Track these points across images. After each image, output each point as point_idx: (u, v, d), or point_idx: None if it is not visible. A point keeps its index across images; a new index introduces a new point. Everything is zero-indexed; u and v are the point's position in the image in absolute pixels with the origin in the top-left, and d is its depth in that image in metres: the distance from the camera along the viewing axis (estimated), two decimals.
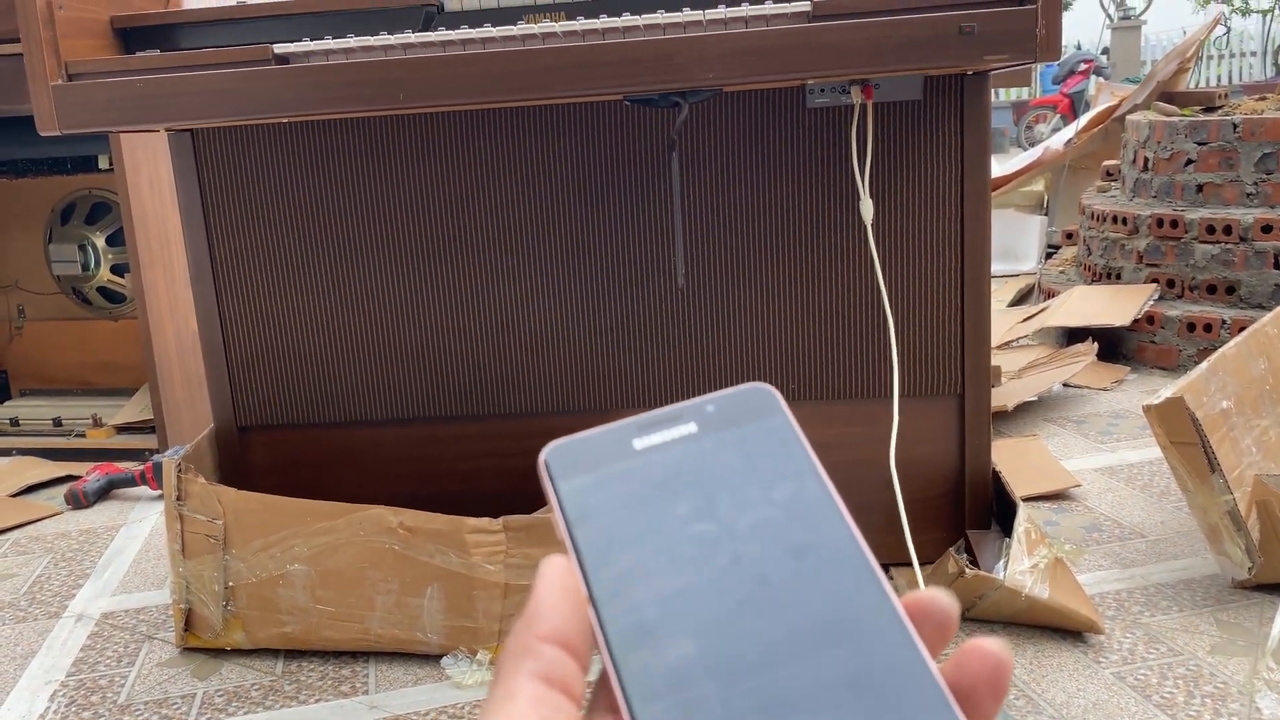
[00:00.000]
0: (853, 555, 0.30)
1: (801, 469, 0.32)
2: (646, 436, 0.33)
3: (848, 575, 0.30)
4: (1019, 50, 1.15)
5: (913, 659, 0.28)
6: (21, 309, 2.83)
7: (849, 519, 0.31)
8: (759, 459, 0.32)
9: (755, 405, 0.34)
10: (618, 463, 0.33)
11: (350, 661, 1.57)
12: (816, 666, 0.28)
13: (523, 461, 1.74)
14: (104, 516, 2.26)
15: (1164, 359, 2.86)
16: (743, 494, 0.31)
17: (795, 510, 0.31)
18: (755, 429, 0.33)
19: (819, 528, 0.31)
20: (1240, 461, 1.59)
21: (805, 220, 1.61)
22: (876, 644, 0.28)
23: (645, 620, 0.29)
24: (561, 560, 0.30)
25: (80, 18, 1.32)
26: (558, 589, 0.30)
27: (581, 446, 0.33)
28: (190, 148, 1.65)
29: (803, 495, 0.31)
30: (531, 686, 0.28)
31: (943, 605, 0.30)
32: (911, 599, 0.30)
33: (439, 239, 1.66)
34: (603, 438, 0.33)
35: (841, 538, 0.31)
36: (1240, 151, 2.85)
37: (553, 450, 0.33)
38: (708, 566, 0.30)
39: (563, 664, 0.28)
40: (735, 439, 0.33)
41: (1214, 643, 1.47)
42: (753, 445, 0.33)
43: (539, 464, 0.33)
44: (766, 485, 0.32)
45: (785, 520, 0.31)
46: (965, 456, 1.65)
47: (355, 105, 1.22)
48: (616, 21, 1.21)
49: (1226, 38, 14.83)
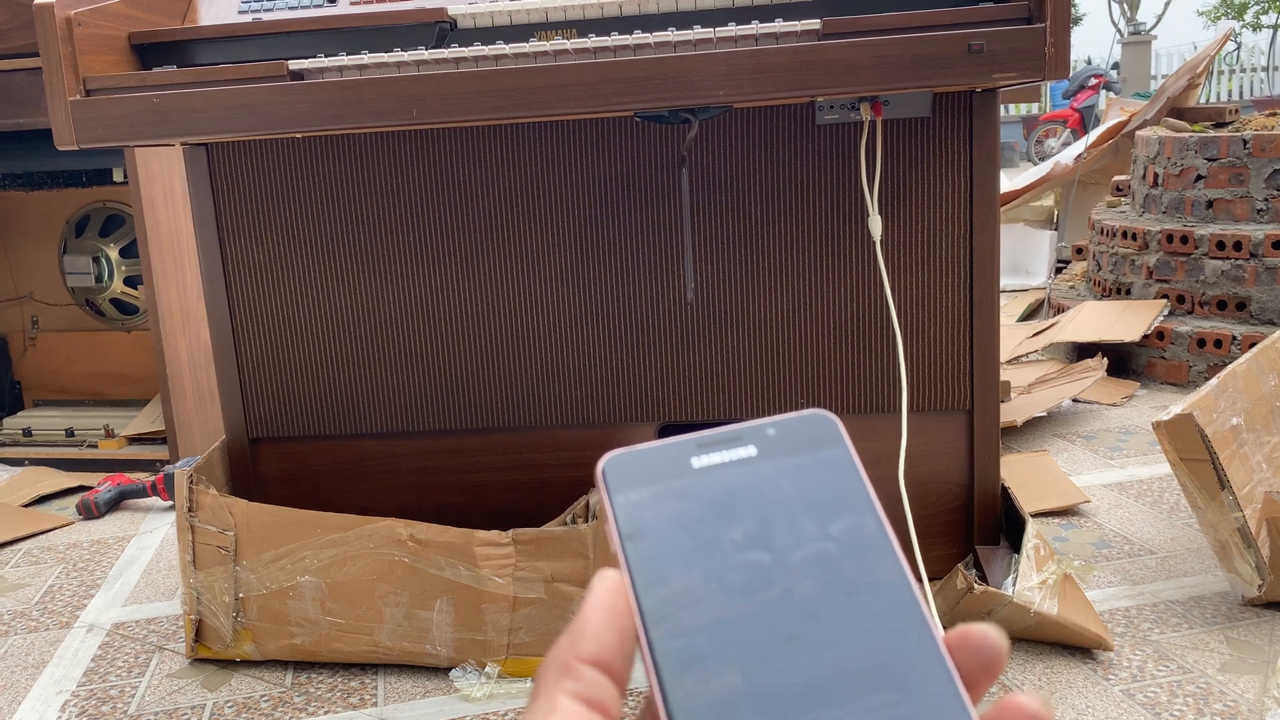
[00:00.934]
0: (904, 599, 0.30)
1: (859, 504, 0.32)
2: (705, 455, 0.33)
3: (898, 619, 0.30)
4: (1028, 68, 1.16)
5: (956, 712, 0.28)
6: (35, 320, 2.85)
7: (902, 560, 0.31)
8: (817, 490, 0.32)
9: (817, 433, 0.34)
10: (675, 480, 0.32)
11: (359, 673, 1.57)
12: (859, 711, 0.28)
13: (532, 475, 1.74)
14: (115, 527, 2.27)
15: (1174, 375, 2.86)
16: (799, 525, 0.31)
17: (850, 547, 0.31)
18: (815, 458, 0.33)
19: (872, 567, 0.31)
20: (1250, 478, 1.58)
21: (814, 235, 1.61)
22: (921, 693, 0.28)
23: (693, 646, 0.29)
24: (614, 576, 0.31)
25: (99, 34, 1.34)
26: (605, 609, 0.30)
27: (640, 459, 0.33)
28: (205, 161, 1.66)
29: (859, 532, 0.31)
30: (571, 706, 0.28)
31: (991, 642, 0.30)
32: (960, 634, 0.30)
33: (449, 253, 1.67)
34: (662, 452, 0.33)
35: (894, 579, 0.30)
36: (1250, 167, 2.85)
37: (611, 460, 0.33)
38: (759, 597, 0.30)
39: (602, 687, 0.29)
40: (794, 467, 0.33)
41: (1224, 660, 1.46)
42: (812, 475, 0.33)
43: (597, 472, 0.33)
44: (823, 518, 0.32)
45: (839, 556, 0.31)
46: (974, 472, 1.65)
47: (369, 121, 1.24)
48: (628, 39, 1.22)
49: (1237, 53, 14.82)
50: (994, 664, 0.30)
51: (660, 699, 0.28)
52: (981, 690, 0.29)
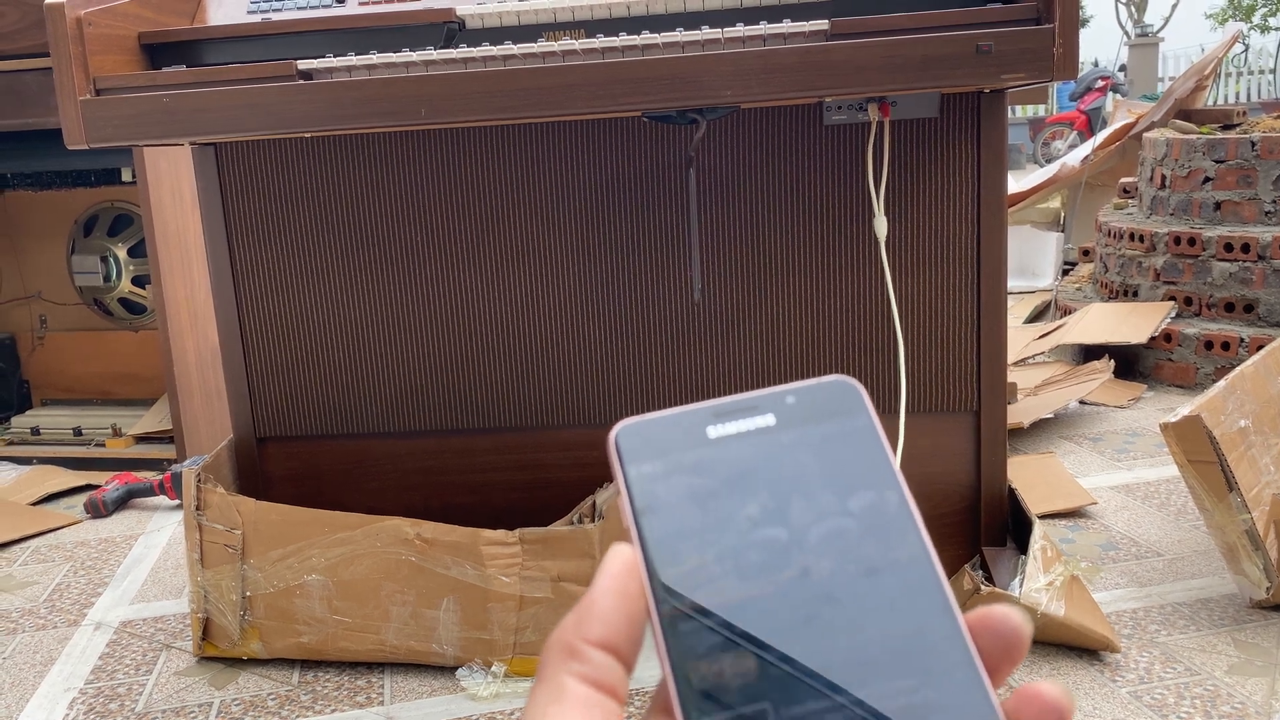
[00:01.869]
0: (926, 579, 0.29)
1: (882, 477, 0.31)
2: (722, 425, 0.32)
3: (919, 600, 0.29)
4: (1036, 69, 1.16)
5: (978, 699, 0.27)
6: (44, 319, 2.86)
7: (926, 537, 0.30)
8: (838, 462, 0.31)
9: (838, 401, 0.32)
10: (690, 451, 0.31)
11: (366, 672, 1.58)
12: (877, 695, 0.27)
13: (539, 474, 1.75)
14: (123, 526, 2.27)
15: (1181, 377, 2.85)
16: (818, 500, 0.30)
17: (871, 523, 0.30)
18: (836, 428, 0.32)
19: (894, 545, 0.29)
20: (1258, 480, 1.58)
21: (821, 236, 1.61)
22: (941, 678, 0.28)
23: (708, 627, 0.28)
24: (627, 554, 0.30)
25: (109, 34, 1.34)
26: (616, 592, 0.29)
27: (653, 429, 0.32)
28: (213, 161, 1.67)
29: (881, 507, 0.30)
30: (580, 688, 0.28)
31: (1014, 624, 0.29)
32: (982, 615, 0.29)
33: (457, 253, 1.67)
34: (676, 421, 0.32)
35: (916, 557, 0.29)
36: (1258, 169, 2.85)
37: (624, 429, 0.32)
38: (776, 577, 0.29)
39: (610, 669, 0.28)
40: (814, 437, 0.31)
41: (1231, 663, 1.46)
42: (832, 446, 0.31)
43: (609, 442, 0.31)
44: (843, 493, 0.30)
45: (860, 534, 0.30)
46: (981, 473, 1.65)
47: (377, 121, 1.24)
48: (636, 39, 1.22)
49: (1245, 55, 14.78)
50: (1016, 648, 0.29)
51: (673, 681, 0.28)
52: (1003, 675, 0.29)
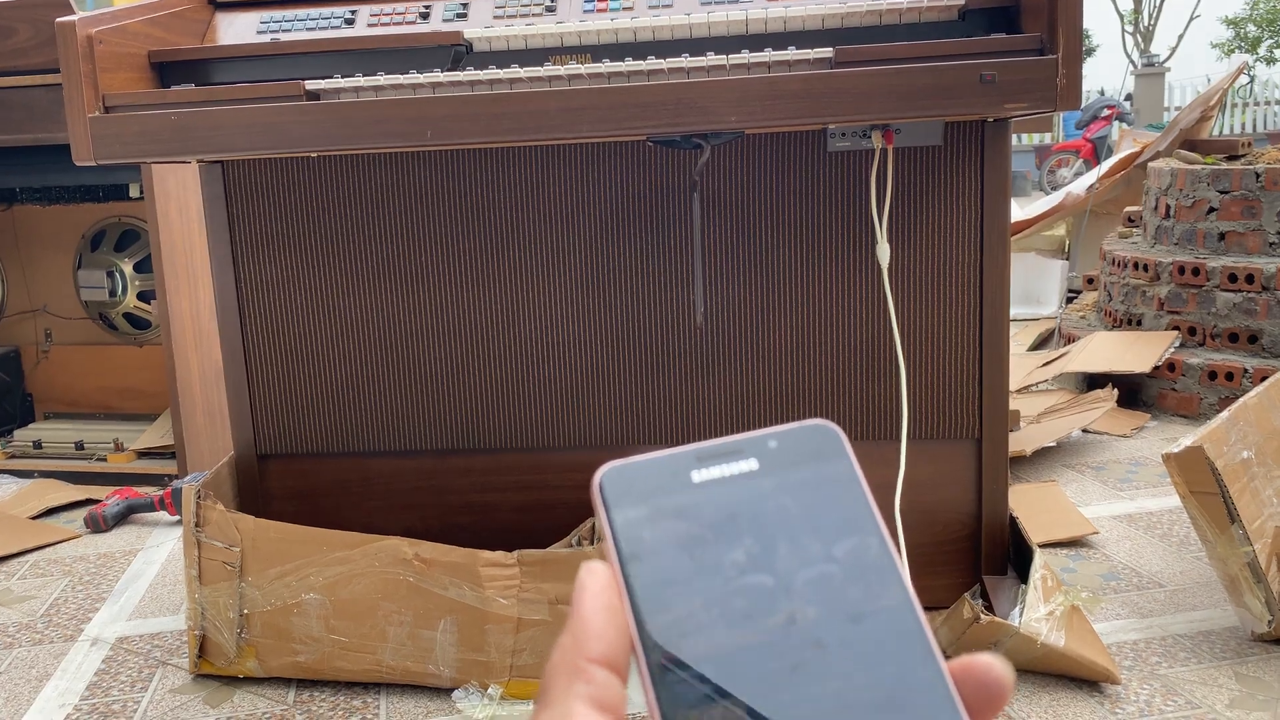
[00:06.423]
0: (909, 626, 0.29)
1: (863, 523, 0.31)
2: (705, 469, 0.32)
3: (903, 647, 0.29)
4: (1039, 99, 1.16)
5: None
6: (49, 333, 2.87)
7: (907, 583, 0.30)
8: (820, 507, 0.31)
9: (819, 445, 0.33)
10: (674, 496, 0.32)
11: (362, 692, 1.57)
12: None
13: (538, 496, 1.74)
14: (122, 541, 2.27)
15: (1184, 407, 2.84)
16: (802, 546, 0.31)
17: (854, 569, 0.30)
18: (818, 473, 0.32)
19: (877, 592, 0.30)
20: (1261, 512, 1.57)
21: (825, 262, 1.62)
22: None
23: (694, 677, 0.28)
24: (602, 571, 0.30)
25: (119, 52, 1.36)
26: (602, 608, 0.29)
27: (638, 472, 0.32)
28: (220, 178, 1.68)
29: (863, 553, 0.31)
30: (586, 711, 0.28)
31: (996, 675, 0.29)
32: (964, 665, 0.29)
33: (460, 274, 1.67)
34: (660, 465, 0.32)
35: (899, 603, 0.30)
36: (1263, 200, 2.85)
37: (608, 473, 0.32)
38: (762, 624, 0.29)
39: (612, 687, 0.29)
40: (797, 482, 0.32)
41: (1233, 696, 1.45)
42: (814, 491, 0.32)
43: (594, 485, 0.32)
44: (827, 539, 0.31)
45: (843, 580, 0.30)
46: (982, 501, 1.65)
47: (384, 141, 1.25)
48: (641, 64, 1.23)
49: (1250, 86, 14.84)
50: (998, 697, 0.29)
51: None
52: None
